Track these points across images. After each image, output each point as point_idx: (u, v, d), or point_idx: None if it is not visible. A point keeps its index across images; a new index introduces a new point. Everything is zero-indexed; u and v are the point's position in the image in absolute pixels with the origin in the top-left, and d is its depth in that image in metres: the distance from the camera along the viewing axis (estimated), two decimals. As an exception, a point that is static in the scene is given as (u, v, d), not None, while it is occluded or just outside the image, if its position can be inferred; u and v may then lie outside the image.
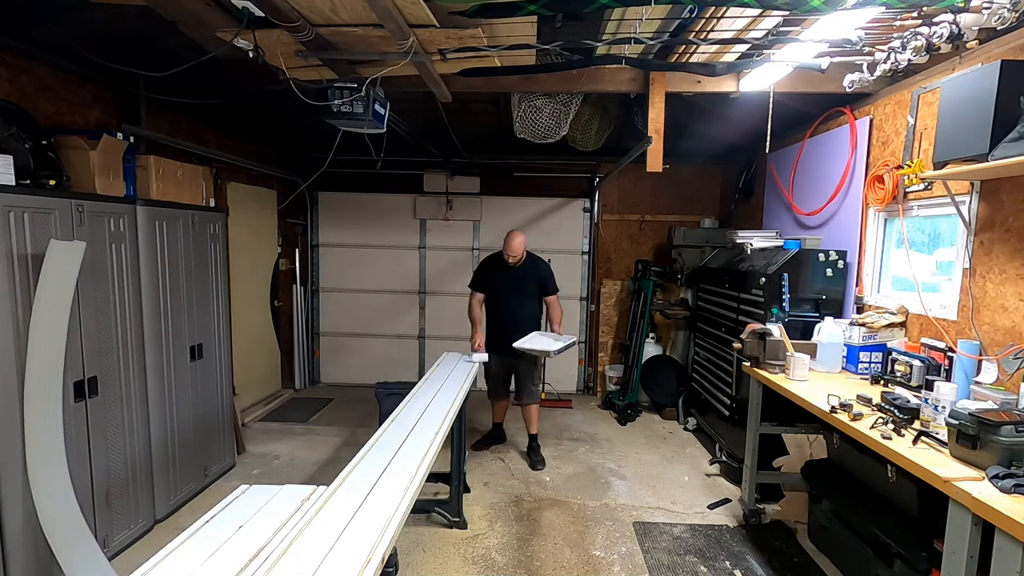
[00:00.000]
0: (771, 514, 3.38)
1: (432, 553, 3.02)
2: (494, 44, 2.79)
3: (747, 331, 3.18)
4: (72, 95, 3.19)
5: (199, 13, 2.46)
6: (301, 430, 4.92)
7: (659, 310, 5.61)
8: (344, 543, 1.50)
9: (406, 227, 6.29)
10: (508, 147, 5.43)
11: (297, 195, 5.90)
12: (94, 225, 2.70)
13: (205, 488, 3.66)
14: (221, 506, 1.77)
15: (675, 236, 5.65)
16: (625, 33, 2.91)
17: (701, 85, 3.50)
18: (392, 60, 2.85)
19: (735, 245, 4.41)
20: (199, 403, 3.58)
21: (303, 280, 6.22)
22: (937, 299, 2.89)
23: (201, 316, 3.57)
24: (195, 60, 2.70)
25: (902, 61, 2.46)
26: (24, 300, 2.32)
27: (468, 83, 3.42)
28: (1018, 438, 1.72)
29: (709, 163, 6.04)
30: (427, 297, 6.38)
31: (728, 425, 4.03)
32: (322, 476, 3.92)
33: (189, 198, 3.49)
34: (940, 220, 3.00)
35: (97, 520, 2.75)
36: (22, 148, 2.49)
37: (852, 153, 3.58)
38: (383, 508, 1.68)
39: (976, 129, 2.22)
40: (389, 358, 6.39)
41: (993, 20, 2.04)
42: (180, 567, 1.42)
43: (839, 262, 3.53)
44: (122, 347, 2.91)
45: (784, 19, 2.57)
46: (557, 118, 4.15)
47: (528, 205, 6.19)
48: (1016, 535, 1.47)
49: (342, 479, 1.91)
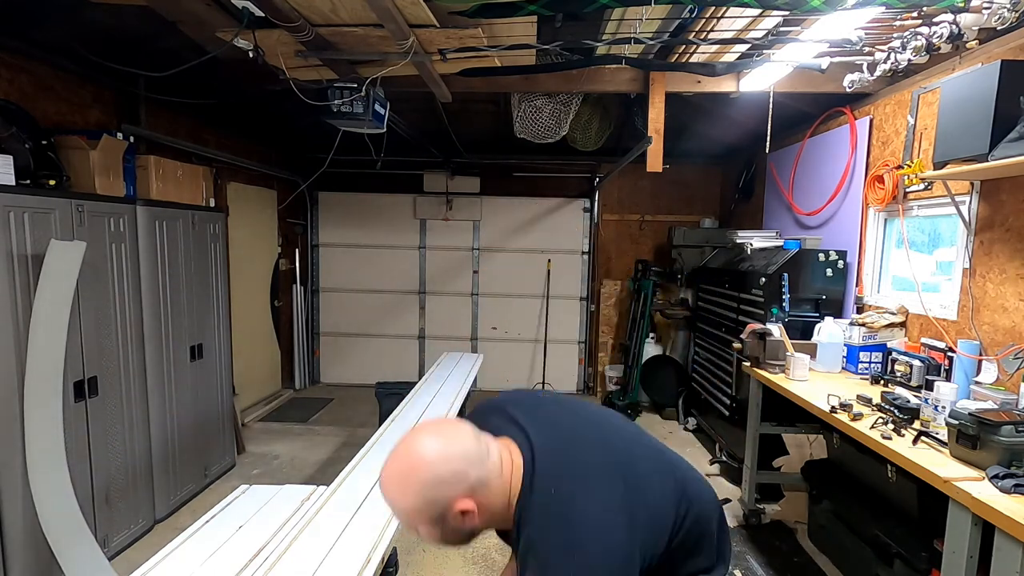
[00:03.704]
0: (771, 514, 3.38)
1: (432, 553, 3.02)
2: (494, 44, 2.79)
3: (747, 331, 3.18)
4: (72, 95, 3.19)
5: (199, 13, 2.46)
6: (301, 430, 4.92)
7: (659, 310, 5.61)
8: (344, 543, 1.50)
9: (406, 227, 6.29)
10: (508, 147, 5.43)
11: (297, 195, 5.89)
12: (94, 225, 2.70)
13: (205, 488, 3.66)
14: (221, 506, 1.77)
15: (675, 236, 5.65)
16: (625, 33, 2.91)
17: (701, 85, 3.50)
18: (392, 60, 2.84)
19: (735, 245, 4.41)
20: (199, 403, 3.58)
21: (303, 280, 6.22)
22: (937, 299, 2.89)
23: (201, 316, 3.57)
24: (195, 60, 2.70)
25: (902, 61, 2.46)
26: (24, 300, 2.32)
27: (468, 83, 3.42)
28: (1018, 438, 1.72)
29: (709, 163, 6.04)
30: (427, 297, 6.38)
31: (728, 425, 4.02)
32: (322, 476, 3.91)
33: (189, 198, 3.49)
34: (940, 220, 3.00)
35: (97, 520, 2.75)
36: (22, 148, 2.49)
37: (852, 153, 3.57)
38: (384, 508, 1.68)
39: (976, 129, 2.21)
40: (389, 358, 6.38)
41: (993, 20, 2.04)
42: (180, 567, 1.42)
43: (839, 262, 3.52)
44: (122, 347, 2.91)
45: (784, 19, 2.56)
46: (557, 118, 4.15)
47: (528, 205, 6.19)
48: (1016, 535, 1.47)
49: (342, 479, 1.91)
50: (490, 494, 0.96)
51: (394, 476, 0.94)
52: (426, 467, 0.92)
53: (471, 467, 0.94)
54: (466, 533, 0.99)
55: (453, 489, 0.93)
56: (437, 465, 0.92)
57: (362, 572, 1.37)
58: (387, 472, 0.95)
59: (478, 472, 0.95)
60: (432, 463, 0.92)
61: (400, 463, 0.94)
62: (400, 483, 0.93)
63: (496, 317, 6.32)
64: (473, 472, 0.94)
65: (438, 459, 0.93)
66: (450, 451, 0.94)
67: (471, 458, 0.95)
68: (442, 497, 0.92)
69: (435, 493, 0.92)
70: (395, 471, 0.94)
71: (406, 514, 0.95)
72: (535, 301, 6.26)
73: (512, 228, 6.23)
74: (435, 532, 0.96)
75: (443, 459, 0.93)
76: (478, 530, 1.00)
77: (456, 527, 0.96)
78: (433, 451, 0.93)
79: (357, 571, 1.37)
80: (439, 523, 0.94)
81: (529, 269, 6.23)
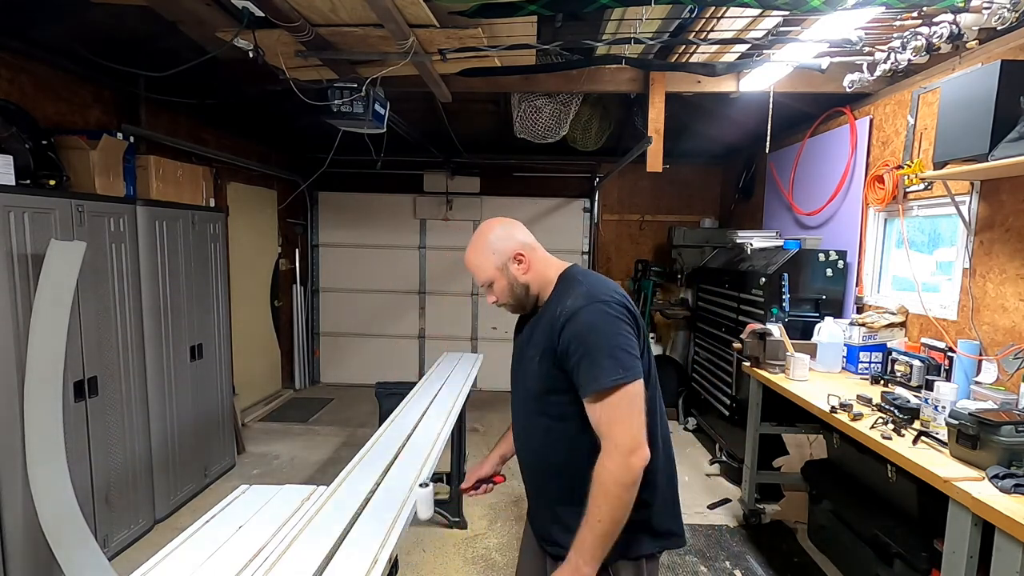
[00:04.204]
0: (771, 514, 3.38)
1: (432, 553, 3.02)
2: (494, 44, 2.79)
3: (747, 331, 3.18)
4: (72, 95, 3.19)
5: (199, 13, 2.46)
6: (301, 430, 4.92)
7: (659, 310, 5.61)
8: (349, 542, 1.50)
9: (406, 227, 6.29)
10: (508, 147, 5.43)
11: (297, 195, 5.90)
12: (94, 225, 2.70)
13: (205, 488, 3.66)
14: (221, 506, 1.77)
15: (675, 236, 5.65)
16: (625, 33, 2.91)
17: (701, 85, 3.50)
18: (392, 60, 2.85)
19: (735, 245, 4.41)
20: (199, 403, 3.58)
21: (303, 280, 6.22)
22: (937, 299, 2.89)
23: (201, 316, 3.57)
24: (195, 60, 2.70)
25: (902, 61, 2.46)
26: (24, 300, 2.32)
27: (468, 83, 3.42)
28: (1018, 438, 1.72)
29: (709, 163, 6.04)
30: (427, 297, 6.38)
31: (728, 425, 4.02)
32: (322, 476, 3.91)
33: (189, 198, 3.49)
34: (940, 220, 3.00)
35: (97, 520, 2.75)
36: (22, 148, 2.49)
37: (852, 153, 3.57)
38: (388, 509, 1.69)
39: (976, 129, 2.22)
40: (389, 358, 6.39)
41: (993, 20, 2.04)
42: (180, 567, 1.42)
43: (839, 262, 3.52)
44: (122, 347, 2.91)
45: (784, 19, 2.57)
46: (557, 118, 4.15)
47: (528, 205, 6.19)
48: (1016, 535, 1.47)
49: (342, 479, 1.90)
50: (536, 258, 1.42)
51: (472, 245, 1.43)
52: (491, 231, 1.42)
53: (523, 235, 1.44)
54: (521, 286, 1.40)
55: (509, 244, 1.40)
56: (497, 230, 1.42)
57: (370, 572, 1.37)
58: (469, 246, 1.43)
59: (529, 240, 1.43)
60: (494, 229, 1.42)
61: (475, 237, 1.43)
62: (475, 247, 1.42)
63: (496, 317, 6.32)
64: (525, 238, 1.43)
65: (499, 228, 1.43)
66: (507, 226, 1.44)
67: (523, 233, 1.44)
68: (502, 248, 1.39)
69: (498, 245, 1.39)
70: (473, 242, 1.43)
71: (480, 268, 1.41)
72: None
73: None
74: (502, 281, 1.40)
75: (502, 227, 1.43)
76: (530, 287, 1.41)
77: (514, 275, 1.39)
78: (495, 224, 1.44)
79: (365, 571, 1.36)
80: (504, 270, 1.39)
81: (529, 269, 6.22)
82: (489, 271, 1.40)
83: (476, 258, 1.41)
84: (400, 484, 1.87)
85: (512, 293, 1.41)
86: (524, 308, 1.46)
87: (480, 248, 1.41)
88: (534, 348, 1.38)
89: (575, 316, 1.27)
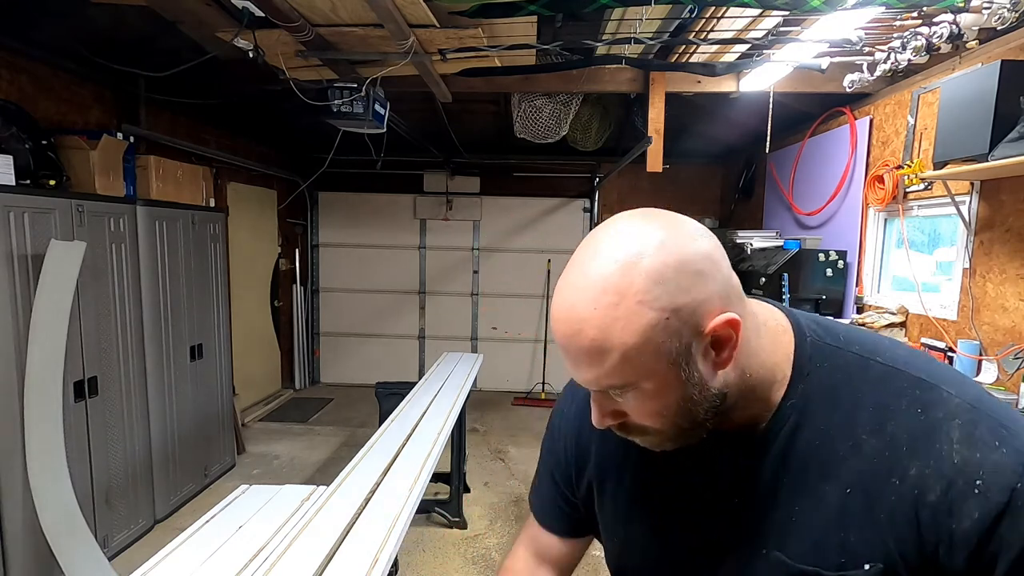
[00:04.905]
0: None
1: (432, 553, 3.02)
2: (494, 44, 2.79)
3: (747, 331, 3.17)
4: (72, 95, 3.19)
5: (199, 13, 2.46)
6: (301, 430, 4.92)
7: (659, 310, 5.60)
8: (349, 542, 1.50)
9: (406, 227, 6.29)
10: (508, 147, 5.43)
11: (297, 195, 5.89)
12: (94, 225, 2.70)
13: (205, 488, 3.66)
14: (221, 506, 1.77)
15: (675, 236, 5.63)
16: (625, 33, 2.91)
17: (701, 85, 3.50)
18: (392, 60, 2.84)
19: (735, 245, 4.41)
20: (199, 403, 3.58)
21: (303, 280, 6.22)
22: (937, 299, 2.89)
23: (201, 316, 3.57)
24: (195, 60, 2.70)
25: (902, 61, 2.46)
26: (24, 300, 2.32)
27: (468, 83, 3.42)
28: (1018, 438, 1.72)
29: (709, 163, 6.04)
30: (427, 297, 6.38)
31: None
32: (322, 476, 3.91)
33: (189, 198, 3.49)
34: (940, 220, 3.00)
35: (97, 520, 2.75)
36: (22, 148, 2.49)
37: (852, 153, 3.57)
38: (388, 508, 1.69)
39: (976, 129, 2.21)
40: (389, 358, 6.38)
41: (993, 20, 2.04)
42: (180, 567, 1.42)
43: (839, 262, 3.52)
44: (122, 347, 2.91)
45: (784, 19, 2.56)
46: (557, 118, 4.15)
47: (528, 205, 6.19)
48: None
49: (342, 479, 1.91)
50: (746, 321, 0.57)
51: (593, 290, 0.53)
52: (654, 252, 0.54)
53: (727, 268, 0.58)
54: (713, 395, 0.58)
55: (703, 291, 0.54)
56: (673, 252, 0.54)
57: (370, 572, 1.37)
58: (578, 292, 0.54)
59: (735, 280, 0.58)
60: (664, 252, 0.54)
61: (603, 260, 0.54)
62: (605, 287, 0.53)
63: (496, 317, 6.32)
64: (730, 276, 0.58)
65: (677, 250, 0.55)
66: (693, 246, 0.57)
67: (725, 261, 0.58)
68: (690, 303, 0.53)
69: (679, 298, 0.53)
70: (594, 283, 0.53)
71: (624, 357, 0.53)
72: (535, 301, 6.26)
73: (512, 228, 6.23)
74: (670, 396, 0.56)
75: (684, 247, 0.55)
76: (730, 391, 0.59)
77: (702, 376, 0.56)
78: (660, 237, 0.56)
79: (365, 571, 1.36)
80: (679, 364, 0.55)
81: (529, 269, 6.22)
82: (641, 361, 0.54)
83: (605, 320, 0.53)
84: (400, 484, 1.87)
85: (681, 410, 0.58)
86: (685, 440, 0.62)
87: (624, 300, 0.53)
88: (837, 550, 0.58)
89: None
